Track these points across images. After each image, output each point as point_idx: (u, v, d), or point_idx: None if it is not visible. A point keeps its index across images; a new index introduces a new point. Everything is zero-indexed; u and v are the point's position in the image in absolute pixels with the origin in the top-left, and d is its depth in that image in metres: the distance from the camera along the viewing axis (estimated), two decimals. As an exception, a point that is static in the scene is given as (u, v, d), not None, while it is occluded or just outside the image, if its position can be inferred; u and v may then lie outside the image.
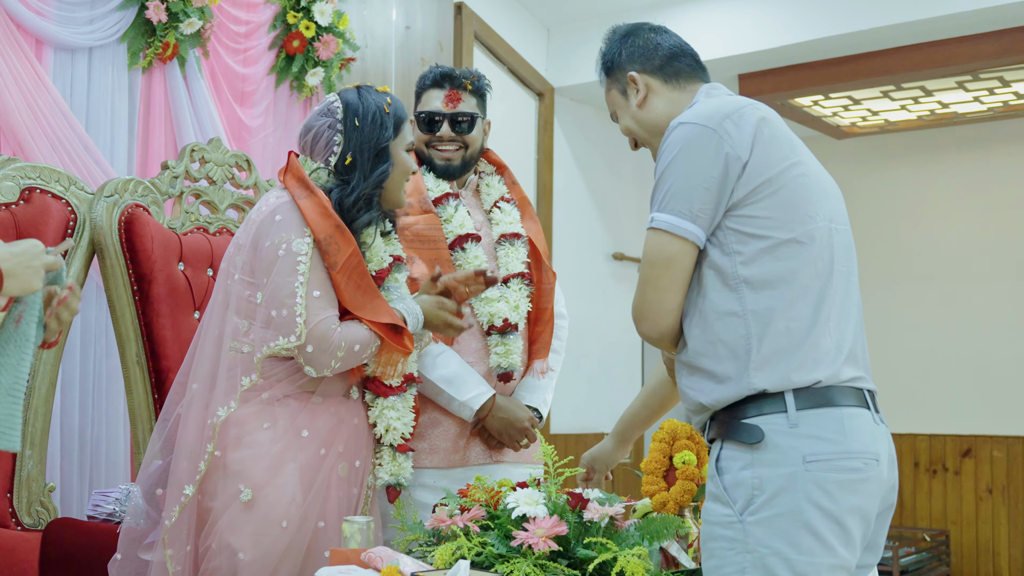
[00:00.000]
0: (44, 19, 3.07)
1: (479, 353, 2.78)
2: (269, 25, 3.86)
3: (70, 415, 3.09)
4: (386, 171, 2.40)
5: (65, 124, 3.07)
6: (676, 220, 1.88)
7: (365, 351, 2.31)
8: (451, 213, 2.78)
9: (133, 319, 2.62)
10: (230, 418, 2.25)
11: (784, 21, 5.61)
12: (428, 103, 2.85)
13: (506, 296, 2.78)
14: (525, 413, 2.77)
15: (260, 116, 3.84)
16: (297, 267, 2.25)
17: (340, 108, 2.42)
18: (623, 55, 2.17)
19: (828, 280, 1.90)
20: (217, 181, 2.92)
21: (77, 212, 2.58)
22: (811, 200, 1.92)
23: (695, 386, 1.95)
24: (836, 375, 1.86)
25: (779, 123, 1.98)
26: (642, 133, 2.15)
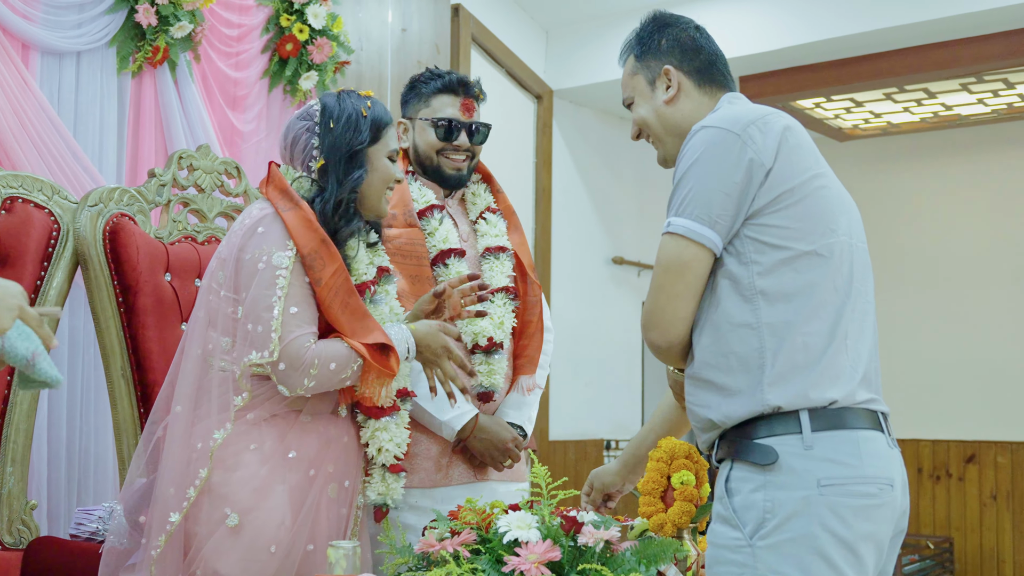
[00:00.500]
0: (31, 23, 3.00)
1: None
2: (262, 28, 3.79)
3: (57, 428, 3.03)
4: (360, 177, 2.31)
5: (52, 130, 3.01)
6: (694, 225, 1.83)
7: (343, 371, 2.21)
8: (435, 226, 2.71)
9: (118, 331, 2.55)
10: None
11: (785, 23, 5.56)
12: (442, 109, 2.77)
13: (491, 312, 2.71)
14: (508, 433, 2.69)
15: (253, 121, 3.78)
16: (276, 280, 2.17)
17: (318, 111, 2.36)
18: (663, 44, 2.08)
19: (847, 296, 1.85)
20: (206, 189, 2.86)
21: (60, 222, 2.51)
22: (833, 213, 1.88)
23: (703, 401, 1.89)
24: (852, 395, 1.81)
25: (803, 133, 1.94)
26: (659, 129, 2.08)
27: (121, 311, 2.56)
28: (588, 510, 2.14)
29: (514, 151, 5.97)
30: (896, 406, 7.61)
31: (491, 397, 2.71)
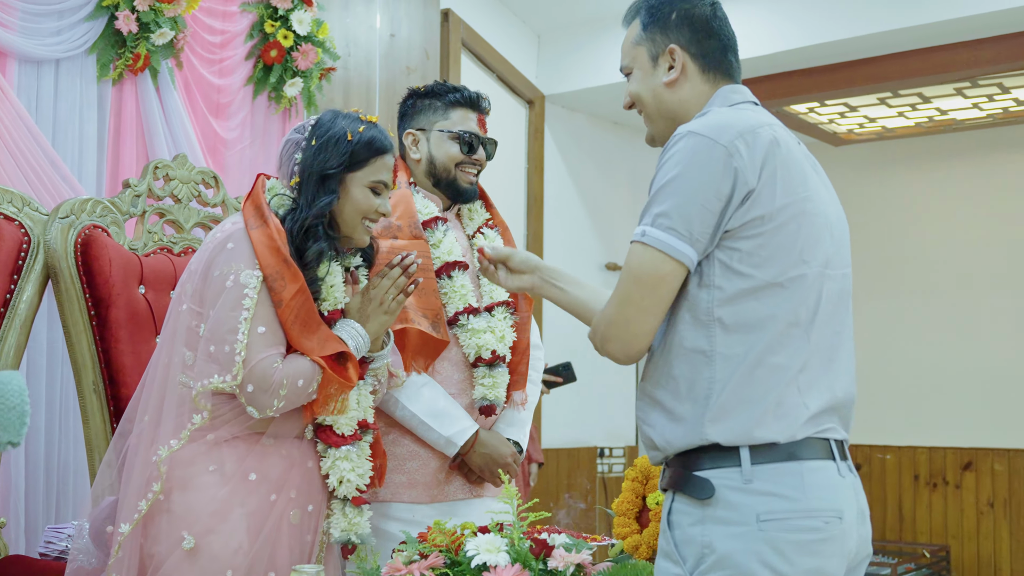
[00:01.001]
0: (8, 30, 2.96)
1: (461, 385, 2.70)
2: (246, 35, 3.75)
3: (35, 442, 2.98)
4: (330, 203, 2.24)
5: (30, 139, 2.96)
6: (673, 240, 1.72)
7: (310, 385, 2.17)
8: (439, 238, 2.69)
9: (90, 345, 2.51)
10: (177, 458, 2.13)
11: (777, 27, 5.52)
12: (464, 123, 2.76)
13: (492, 327, 2.70)
14: (507, 449, 2.68)
15: (236, 128, 3.74)
16: (243, 301, 2.12)
17: (311, 124, 2.31)
18: (673, 18, 1.94)
19: (808, 329, 1.76)
20: (182, 199, 2.82)
21: (31, 234, 2.47)
22: (808, 243, 1.77)
23: (649, 420, 1.82)
24: (800, 432, 1.72)
25: (792, 147, 1.82)
26: (652, 110, 1.97)
27: (93, 324, 2.51)
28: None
29: (506, 157, 5.93)
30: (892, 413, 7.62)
31: (493, 411, 2.70)
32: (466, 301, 2.68)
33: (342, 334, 2.25)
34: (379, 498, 2.58)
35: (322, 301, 2.28)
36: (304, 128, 2.32)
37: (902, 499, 7.10)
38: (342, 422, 2.26)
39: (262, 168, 3.82)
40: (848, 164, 7.42)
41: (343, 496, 2.27)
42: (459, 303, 2.67)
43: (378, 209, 2.31)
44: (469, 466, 2.66)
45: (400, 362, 2.50)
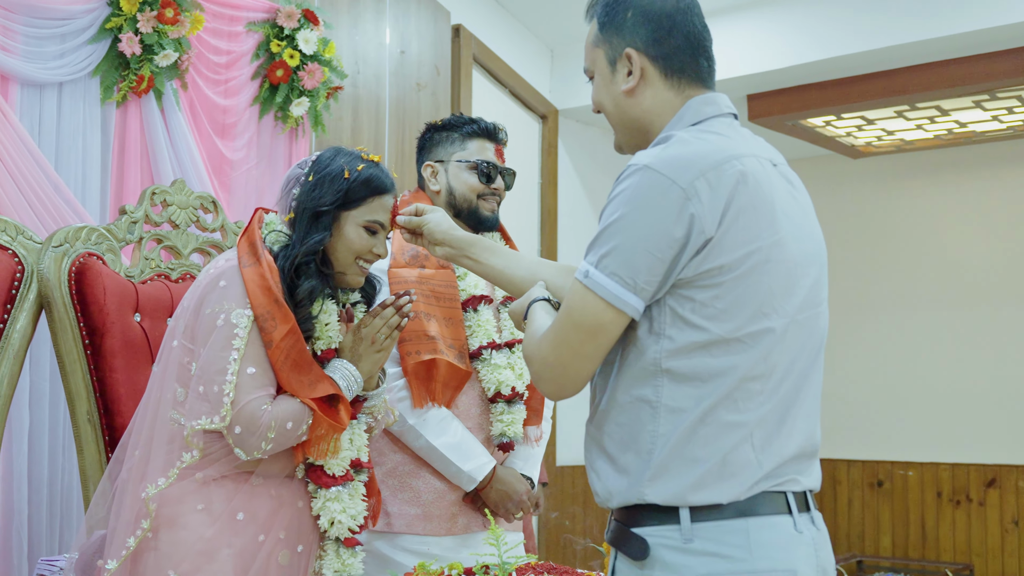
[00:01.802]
0: (10, 55, 2.95)
1: (479, 420, 2.71)
2: (252, 54, 3.73)
3: (39, 471, 2.96)
4: (321, 240, 2.19)
5: (33, 163, 2.94)
6: (616, 288, 1.57)
7: (299, 427, 2.12)
8: (465, 271, 2.70)
9: (84, 375, 2.48)
10: (166, 496, 2.10)
11: (793, 40, 5.47)
12: (482, 153, 2.79)
13: (512, 363, 2.70)
14: (523, 486, 2.69)
15: (242, 149, 3.72)
16: (233, 341, 2.09)
17: (311, 160, 2.28)
18: (630, 16, 1.74)
19: (772, 384, 1.61)
20: (180, 225, 2.79)
21: (25, 263, 2.44)
22: (772, 294, 1.61)
23: (594, 465, 1.70)
24: (748, 491, 1.59)
25: (761, 181, 1.63)
26: (615, 119, 1.80)
27: (87, 354, 2.49)
28: None
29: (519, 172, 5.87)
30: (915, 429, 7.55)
31: (511, 447, 2.71)
32: (489, 336, 2.69)
33: (334, 375, 2.20)
34: (393, 529, 2.59)
35: (316, 340, 2.25)
36: (305, 163, 2.29)
37: (925, 516, 7.00)
38: (333, 463, 2.22)
39: (268, 188, 3.80)
40: (867, 176, 7.35)
41: (335, 537, 2.22)
42: (483, 337, 2.68)
43: (372, 249, 2.26)
44: (483, 501, 2.66)
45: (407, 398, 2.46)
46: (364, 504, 2.27)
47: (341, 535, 2.22)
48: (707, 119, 1.73)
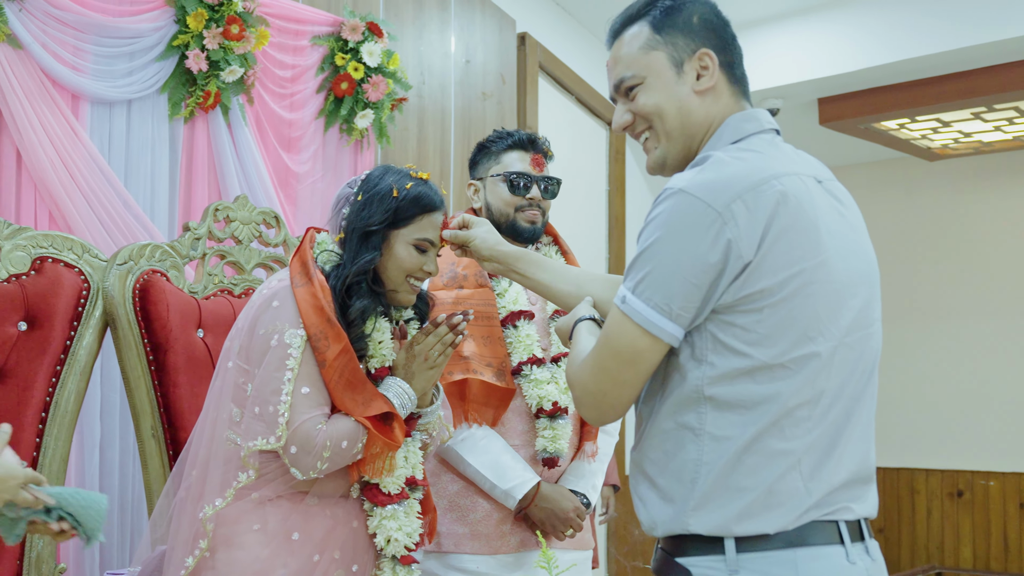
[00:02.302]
0: (80, 74, 3.00)
1: (525, 436, 2.67)
2: (316, 68, 3.76)
3: (109, 478, 3.02)
4: (372, 260, 2.19)
5: (103, 180, 3.00)
6: (652, 315, 1.53)
7: (354, 446, 2.12)
8: (505, 287, 2.69)
9: (148, 390, 2.52)
10: (223, 516, 2.12)
11: (864, 43, 5.38)
12: (512, 164, 2.76)
13: (556, 377, 2.67)
14: (569, 504, 2.63)
15: (308, 162, 3.75)
16: (286, 361, 2.09)
17: (361, 179, 2.29)
18: (697, 20, 1.70)
19: (814, 408, 1.56)
20: (243, 240, 2.82)
21: (91, 281, 2.49)
22: (818, 317, 1.55)
23: (640, 493, 1.67)
24: (799, 519, 1.54)
25: (805, 202, 1.58)
26: (674, 124, 1.71)
27: (151, 370, 2.52)
28: None
29: (586, 179, 5.87)
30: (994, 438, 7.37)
31: (556, 463, 2.66)
32: (530, 351, 2.65)
33: (388, 393, 2.20)
34: (443, 549, 2.58)
35: (369, 358, 2.24)
36: (355, 182, 2.29)
37: (1007, 527, 6.81)
38: (388, 481, 2.22)
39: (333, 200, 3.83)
40: (944, 179, 7.19)
41: (392, 555, 2.22)
42: (523, 353, 2.64)
43: (423, 267, 2.26)
44: (532, 519, 2.63)
45: (450, 416, 2.45)
46: (419, 521, 2.26)
47: (398, 553, 2.21)
48: (747, 136, 1.69)
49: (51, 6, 2.91)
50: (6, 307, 2.34)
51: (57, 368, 2.42)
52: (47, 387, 2.40)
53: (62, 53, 2.96)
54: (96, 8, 3.05)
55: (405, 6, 4.34)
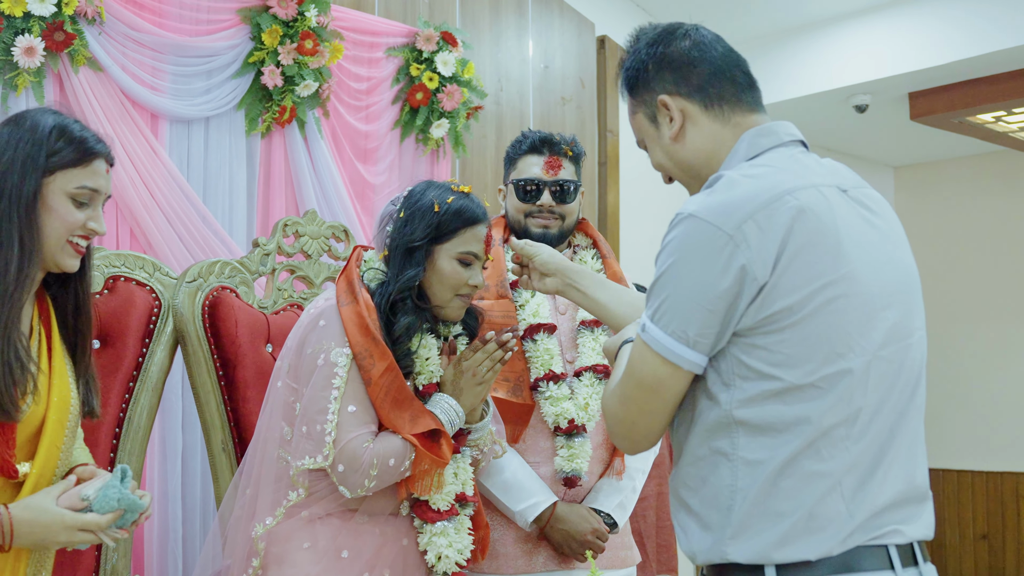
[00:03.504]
0: (159, 94, 3.08)
1: (546, 453, 2.60)
2: (391, 79, 3.79)
3: (191, 487, 3.09)
4: (415, 276, 2.19)
5: (182, 197, 3.07)
6: (671, 343, 1.51)
7: (402, 463, 2.12)
8: (526, 299, 2.62)
9: (219, 405, 2.57)
10: (275, 534, 2.14)
11: (955, 35, 5.21)
12: (526, 170, 2.70)
13: (576, 392, 2.58)
14: (587, 525, 2.53)
15: (384, 172, 3.78)
16: (333, 380, 2.11)
17: (404, 196, 2.29)
18: (651, 69, 1.71)
19: (852, 426, 1.51)
20: (312, 255, 2.86)
21: (162, 299, 2.55)
22: (848, 332, 1.51)
23: (680, 521, 1.63)
24: (843, 544, 1.49)
25: (824, 215, 1.53)
26: (677, 173, 1.74)
27: (221, 385, 2.57)
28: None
29: (669, 180, 5.80)
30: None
31: (576, 482, 2.57)
32: (548, 366, 2.57)
33: (435, 410, 2.19)
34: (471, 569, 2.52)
35: (416, 375, 2.25)
36: (398, 199, 2.30)
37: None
38: (438, 497, 2.21)
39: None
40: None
41: (443, 572, 2.21)
42: (540, 368, 2.58)
43: (468, 281, 2.25)
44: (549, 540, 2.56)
45: (503, 431, 2.43)
46: (470, 538, 2.25)
47: (449, 570, 2.21)
48: (763, 152, 1.66)
49: (129, 28, 2.99)
50: (81, 325, 2.40)
51: (130, 384, 2.49)
52: (120, 403, 2.47)
53: (141, 74, 3.03)
54: (173, 28, 3.12)
55: (481, 13, 4.35)
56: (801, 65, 5.84)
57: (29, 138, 1.86)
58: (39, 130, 1.87)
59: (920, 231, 7.17)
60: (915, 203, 7.73)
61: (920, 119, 5.69)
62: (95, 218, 1.92)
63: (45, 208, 1.86)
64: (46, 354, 1.92)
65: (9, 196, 1.82)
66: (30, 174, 1.84)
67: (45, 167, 1.85)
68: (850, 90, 5.72)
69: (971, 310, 7.37)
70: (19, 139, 1.86)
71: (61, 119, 1.92)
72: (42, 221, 1.85)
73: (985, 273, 7.41)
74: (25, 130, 1.87)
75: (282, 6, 3.30)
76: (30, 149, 1.85)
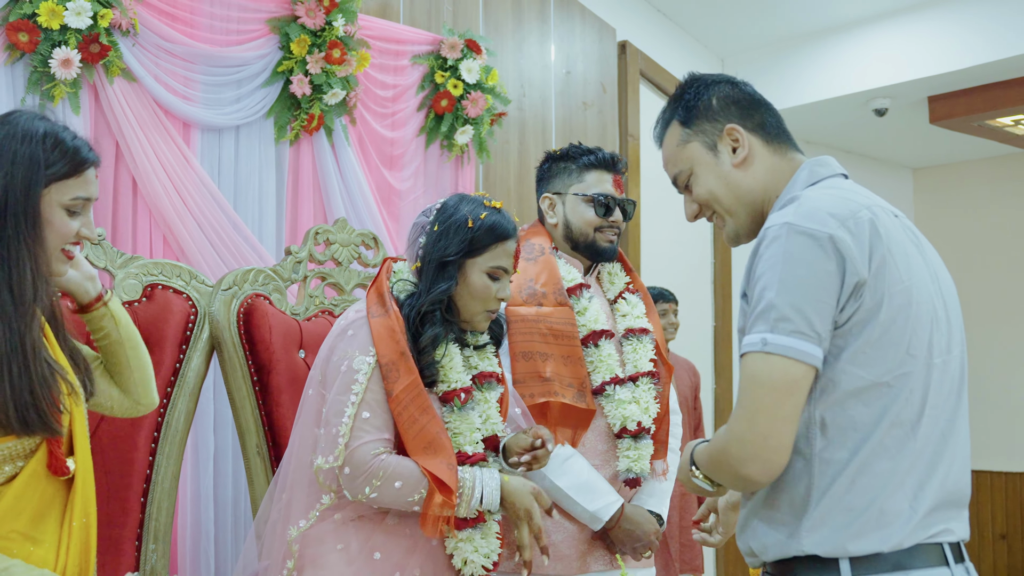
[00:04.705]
0: (191, 103, 3.13)
1: (605, 456, 2.67)
2: (417, 87, 3.85)
3: (205, 505, 3.13)
4: (447, 289, 2.25)
5: (213, 204, 3.13)
6: (800, 343, 1.57)
7: (411, 493, 2.14)
8: (585, 305, 2.69)
9: (253, 410, 2.63)
10: (308, 537, 2.20)
11: (974, 40, 5.24)
12: (599, 185, 2.76)
13: (637, 397, 2.66)
14: (652, 526, 2.64)
15: (410, 178, 3.83)
16: (352, 385, 2.17)
17: (436, 208, 2.35)
18: (715, 102, 1.85)
19: (915, 428, 1.61)
20: (343, 262, 2.92)
21: (198, 306, 2.61)
22: (915, 333, 1.62)
23: (748, 519, 1.71)
24: (906, 539, 1.59)
25: (890, 226, 1.67)
26: (730, 201, 1.83)
27: (256, 390, 2.63)
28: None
29: (691, 184, 5.83)
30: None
31: (638, 483, 2.67)
32: (612, 371, 2.65)
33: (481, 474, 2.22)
34: None
35: (439, 383, 2.30)
36: (430, 211, 2.35)
37: None
38: None
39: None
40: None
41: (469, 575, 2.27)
42: (605, 373, 2.65)
43: (496, 295, 2.31)
44: (612, 539, 2.63)
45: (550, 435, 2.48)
46: (498, 542, 2.29)
47: (476, 573, 2.26)
48: (823, 179, 1.79)
49: (162, 39, 3.05)
50: (121, 333, 2.47)
51: (168, 390, 2.55)
52: (159, 408, 2.53)
53: (173, 84, 3.09)
54: (204, 39, 3.18)
55: (505, 20, 4.40)
56: (822, 69, 5.87)
57: (26, 150, 1.81)
58: (33, 141, 1.82)
59: (938, 233, 7.19)
60: (934, 205, 7.74)
61: (939, 123, 5.72)
62: (87, 224, 1.91)
63: (43, 221, 1.83)
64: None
65: (15, 214, 1.79)
66: (33, 189, 1.81)
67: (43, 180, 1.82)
68: (870, 94, 5.75)
69: (990, 311, 7.39)
70: (15, 151, 1.81)
71: (51, 126, 1.88)
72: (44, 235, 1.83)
73: (1003, 274, 7.42)
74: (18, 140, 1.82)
75: (310, 16, 3.36)
76: (29, 163, 1.81)
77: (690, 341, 5.60)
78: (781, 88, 5.95)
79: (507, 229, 2.32)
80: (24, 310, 1.78)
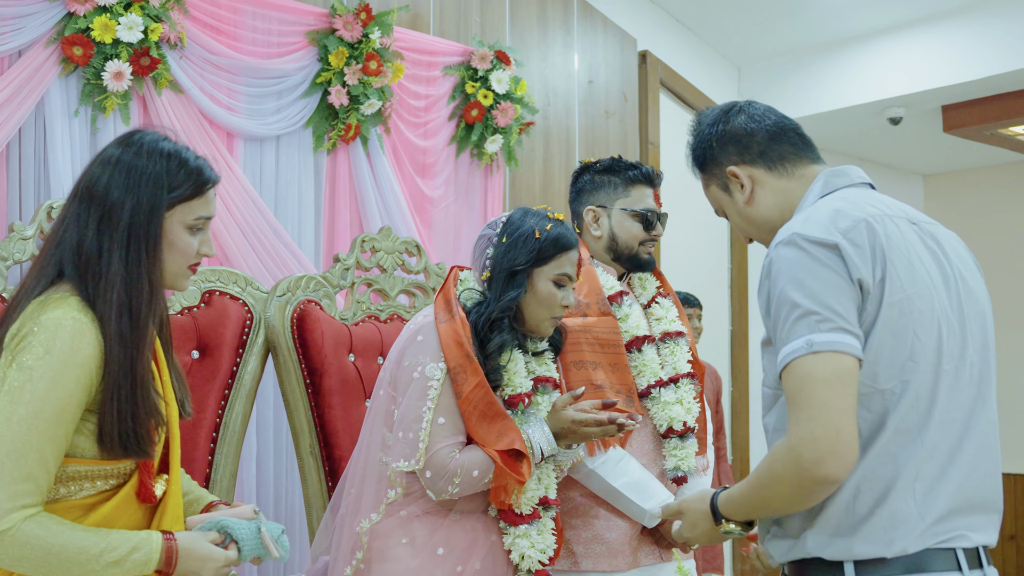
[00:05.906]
0: (234, 114, 3.22)
1: (652, 455, 2.76)
2: (448, 97, 3.94)
3: (265, 487, 3.22)
4: (517, 297, 2.37)
5: (255, 212, 3.22)
6: (844, 337, 1.60)
7: (485, 476, 2.28)
8: (626, 312, 2.78)
9: (306, 411, 2.72)
10: (376, 530, 2.30)
11: (987, 51, 5.33)
12: (644, 201, 2.84)
13: (680, 398, 2.76)
14: None
15: (441, 186, 3.93)
16: (427, 392, 2.28)
17: (502, 222, 2.46)
18: (715, 146, 1.94)
19: (920, 433, 1.64)
20: (388, 269, 3.01)
21: (253, 312, 2.71)
22: (919, 342, 1.65)
23: (763, 522, 1.78)
24: (913, 544, 1.61)
25: (896, 237, 1.71)
26: (754, 231, 1.94)
27: (309, 392, 2.72)
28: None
29: (708, 191, 5.91)
30: None
31: (685, 480, 2.75)
32: (656, 374, 2.74)
33: (531, 432, 2.35)
34: (580, 568, 2.66)
35: (504, 387, 2.41)
36: (496, 224, 2.46)
37: None
38: (521, 501, 2.37)
39: (466, 223, 4.00)
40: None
41: (527, 569, 2.37)
42: (650, 376, 2.74)
43: (561, 302, 2.42)
44: (662, 533, 2.71)
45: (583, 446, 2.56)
46: (553, 538, 2.41)
47: (532, 568, 2.37)
48: (836, 189, 1.85)
49: (208, 52, 3.14)
50: (182, 337, 2.57)
51: (225, 392, 2.65)
52: (217, 410, 2.63)
53: (217, 95, 3.19)
54: (247, 52, 3.27)
55: (530, 30, 4.49)
56: (838, 79, 5.95)
57: (151, 171, 1.84)
58: (159, 162, 1.85)
59: (950, 239, 7.24)
60: (944, 211, 7.82)
61: (953, 131, 5.81)
62: (206, 242, 1.96)
63: (166, 243, 1.86)
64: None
65: (138, 236, 1.82)
66: (157, 211, 1.84)
67: (168, 202, 1.85)
68: (885, 103, 5.83)
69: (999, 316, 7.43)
70: (141, 171, 1.83)
71: (175, 147, 1.89)
72: (164, 256, 1.87)
73: (1012, 279, 7.50)
74: (143, 160, 1.84)
75: (348, 29, 3.45)
76: (154, 185, 1.84)
77: (707, 345, 5.68)
78: (797, 97, 6.04)
79: (571, 240, 2.44)
80: (140, 334, 1.81)
